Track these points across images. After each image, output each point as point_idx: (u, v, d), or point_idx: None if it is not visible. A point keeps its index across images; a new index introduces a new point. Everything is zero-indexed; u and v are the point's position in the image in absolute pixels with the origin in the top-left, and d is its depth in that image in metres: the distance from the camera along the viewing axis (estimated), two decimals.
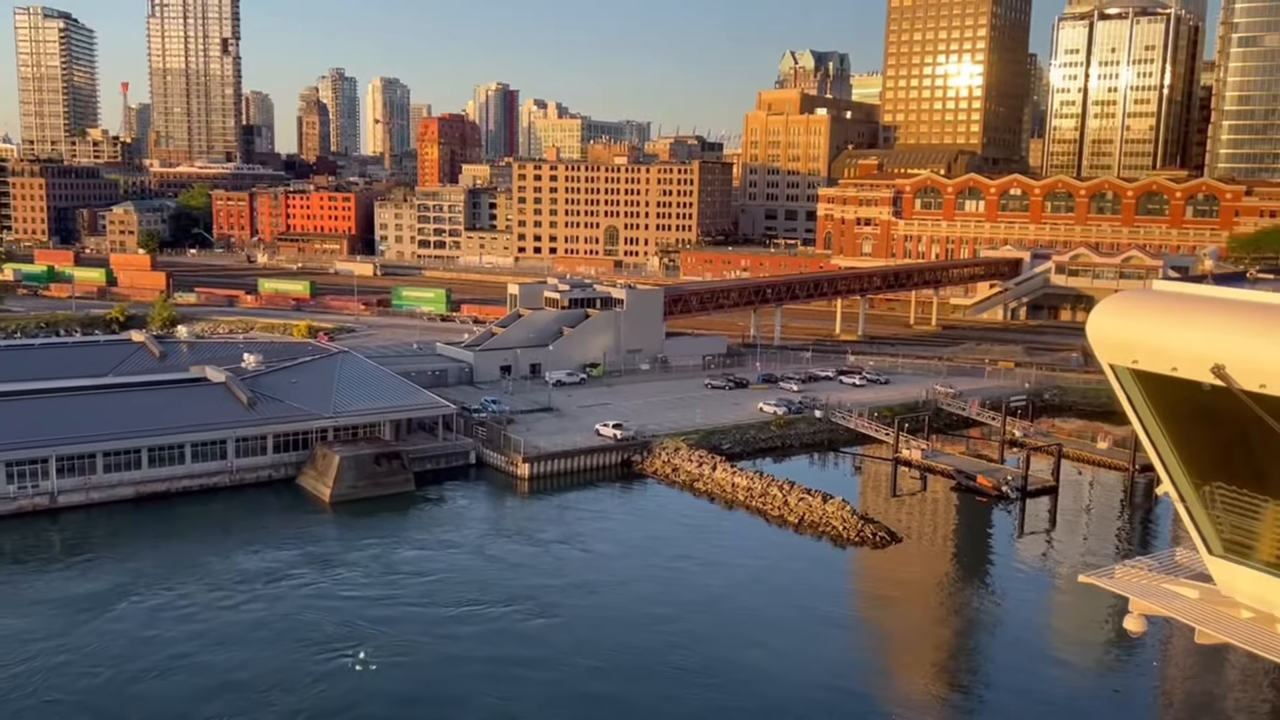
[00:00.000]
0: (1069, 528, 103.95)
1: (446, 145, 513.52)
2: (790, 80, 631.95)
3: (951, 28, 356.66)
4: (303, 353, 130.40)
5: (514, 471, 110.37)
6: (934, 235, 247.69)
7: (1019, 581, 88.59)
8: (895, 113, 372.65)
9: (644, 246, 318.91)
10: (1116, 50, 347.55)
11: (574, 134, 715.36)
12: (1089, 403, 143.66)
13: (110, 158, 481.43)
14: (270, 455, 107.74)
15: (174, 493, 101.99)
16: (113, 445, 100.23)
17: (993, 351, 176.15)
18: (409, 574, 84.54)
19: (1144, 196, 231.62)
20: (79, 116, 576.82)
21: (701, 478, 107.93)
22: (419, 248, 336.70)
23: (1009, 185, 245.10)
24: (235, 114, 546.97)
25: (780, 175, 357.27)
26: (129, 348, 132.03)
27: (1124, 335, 24.09)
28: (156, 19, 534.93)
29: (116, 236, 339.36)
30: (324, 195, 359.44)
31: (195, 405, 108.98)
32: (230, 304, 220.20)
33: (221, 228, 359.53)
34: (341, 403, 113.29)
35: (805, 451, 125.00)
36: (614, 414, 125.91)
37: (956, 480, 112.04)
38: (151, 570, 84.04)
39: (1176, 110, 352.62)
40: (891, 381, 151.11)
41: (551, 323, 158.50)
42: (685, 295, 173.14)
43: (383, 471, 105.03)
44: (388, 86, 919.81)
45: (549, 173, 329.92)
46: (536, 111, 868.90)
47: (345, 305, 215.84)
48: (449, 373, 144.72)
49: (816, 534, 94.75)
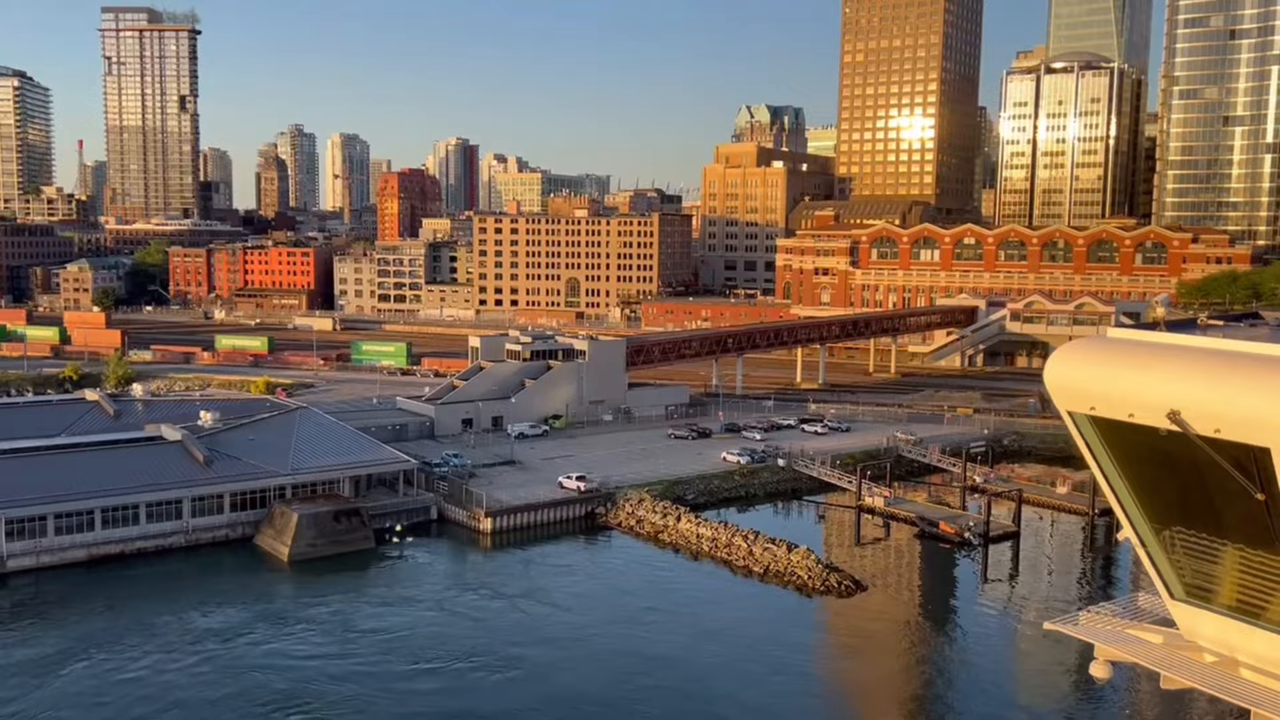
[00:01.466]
0: (1032, 573, 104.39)
1: (407, 200, 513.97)
2: (747, 134, 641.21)
3: (903, 82, 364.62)
4: (260, 409, 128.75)
5: (476, 526, 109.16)
6: (891, 284, 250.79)
7: (985, 628, 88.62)
8: (850, 165, 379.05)
9: (605, 298, 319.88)
10: (1063, 103, 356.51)
11: (534, 187, 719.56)
12: (1047, 448, 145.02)
13: (65, 215, 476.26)
14: (227, 514, 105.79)
15: (128, 554, 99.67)
16: (64, 507, 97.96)
17: (951, 398, 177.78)
18: (367, 631, 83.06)
19: (1094, 245, 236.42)
20: (33, 174, 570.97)
21: (666, 529, 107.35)
22: (379, 302, 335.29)
23: (963, 235, 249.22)
24: (193, 170, 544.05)
25: (739, 226, 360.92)
26: (82, 407, 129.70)
27: (1081, 383, 24.40)
28: (114, 76, 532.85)
29: (71, 294, 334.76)
30: (283, 250, 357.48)
31: (150, 464, 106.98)
32: (187, 361, 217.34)
33: (179, 284, 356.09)
34: (300, 460, 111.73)
35: (769, 500, 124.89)
36: (577, 466, 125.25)
37: (920, 527, 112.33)
38: (101, 634, 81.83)
39: (1123, 160, 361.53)
40: (853, 429, 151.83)
41: (513, 375, 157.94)
42: (647, 346, 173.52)
43: (342, 529, 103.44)
44: (347, 142, 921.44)
45: (510, 226, 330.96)
46: (497, 166, 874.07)
47: (304, 360, 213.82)
48: (409, 427, 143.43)
49: (782, 583, 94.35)
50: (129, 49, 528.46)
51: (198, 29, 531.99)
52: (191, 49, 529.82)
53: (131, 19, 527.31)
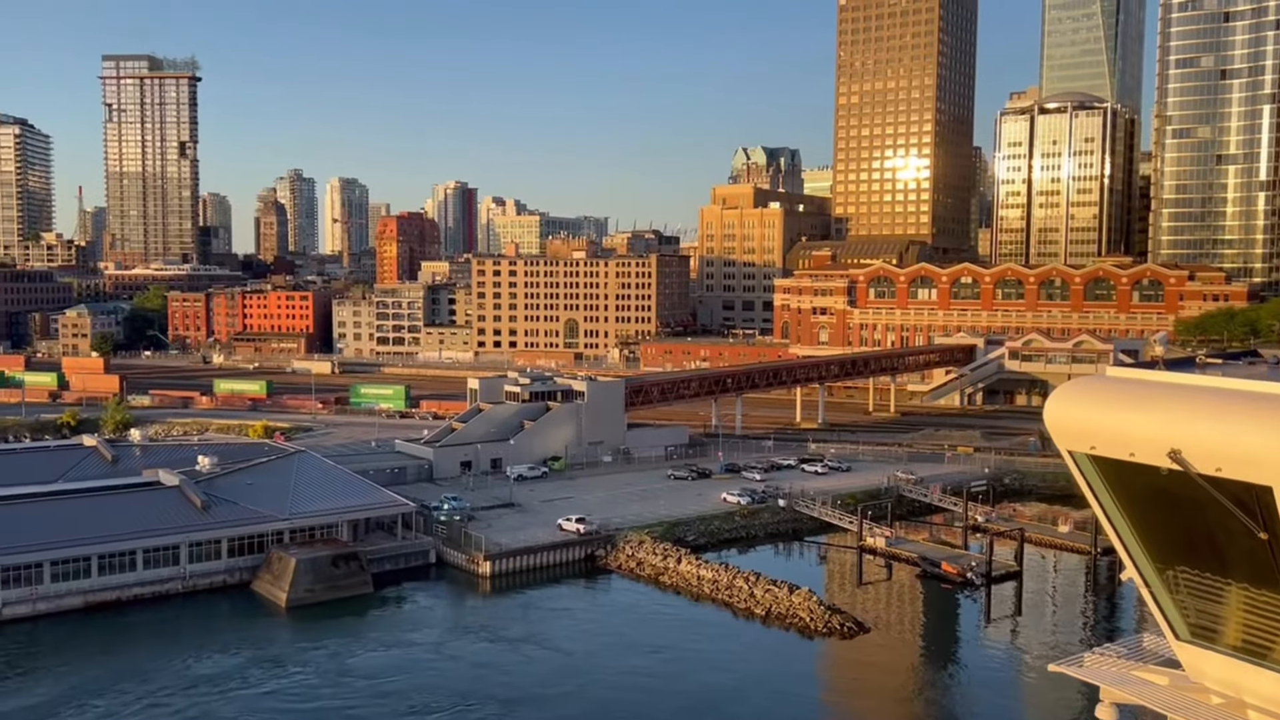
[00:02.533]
0: (1035, 613, 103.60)
1: (405, 243, 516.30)
2: (743, 175, 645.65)
3: (898, 123, 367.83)
4: (259, 453, 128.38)
5: (475, 570, 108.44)
6: (889, 323, 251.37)
7: (989, 670, 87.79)
8: (847, 205, 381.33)
9: (604, 339, 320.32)
10: (1058, 142, 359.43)
11: (532, 230, 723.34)
12: (1049, 486, 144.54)
13: (64, 261, 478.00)
14: (225, 560, 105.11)
15: (125, 601, 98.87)
16: (60, 554, 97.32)
17: (951, 437, 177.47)
18: (363, 676, 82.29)
19: (1091, 283, 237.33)
20: (33, 220, 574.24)
21: (667, 571, 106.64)
22: (378, 344, 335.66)
23: (960, 274, 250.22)
24: (192, 216, 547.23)
25: (736, 267, 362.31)
26: (80, 452, 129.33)
27: (1081, 422, 24.35)
28: (114, 124, 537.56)
29: (69, 340, 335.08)
30: (281, 294, 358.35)
31: (147, 510, 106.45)
32: (185, 405, 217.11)
33: (177, 329, 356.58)
34: (298, 504, 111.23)
35: (770, 541, 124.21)
36: (577, 508, 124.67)
37: (922, 567, 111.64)
38: (95, 682, 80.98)
39: (1118, 199, 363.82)
40: (853, 469, 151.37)
41: (512, 417, 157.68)
42: (646, 386, 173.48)
43: (340, 574, 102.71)
44: (346, 186, 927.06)
45: (508, 268, 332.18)
46: (495, 209, 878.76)
47: (303, 404, 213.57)
48: (408, 470, 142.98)
49: (784, 626, 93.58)
50: (129, 96, 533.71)
51: (198, 76, 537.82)
52: (191, 95, 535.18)
53: (132, 66, 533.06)
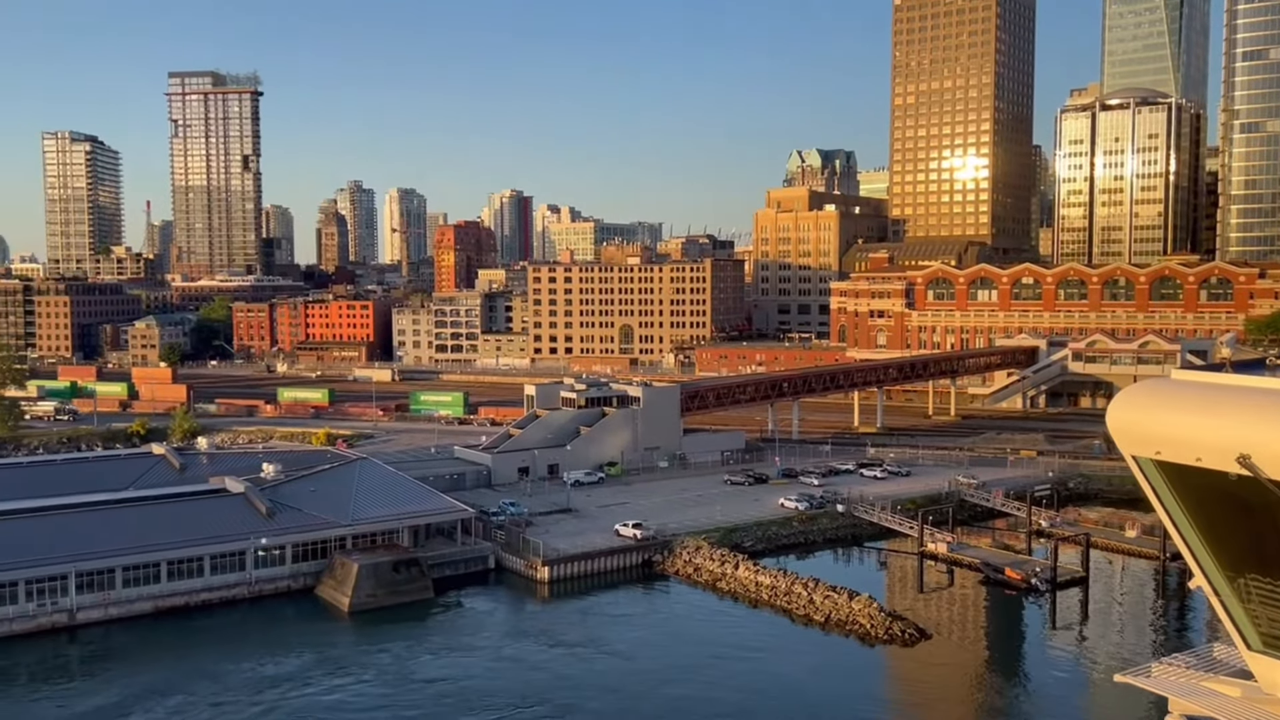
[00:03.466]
0: (1101, 620, 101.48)
1: (463, 251, 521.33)
2: (798, 178, 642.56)
3: (955, 122, 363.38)
4: (321, 461, 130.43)
5: (534, 575, 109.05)
6: (948, 325, 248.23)
7: (1053, 679, 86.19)
8: (903, 206, 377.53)
9: (659, 344, 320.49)
10: (1120, 139, 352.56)
11: (587, 236, 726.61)
12: (1115, 490, 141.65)
13: (133, 274, 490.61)
14: (289, 565, 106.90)
15: (193, 606, 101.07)
16: (132, 560, 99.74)
17: (1014, 440, 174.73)
18: (423, 680, 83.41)
19: (1157, 282, 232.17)
20: (103, 235, 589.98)
21: (724, 577, 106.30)
22: (437, 352, 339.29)
23: (1021, 274, 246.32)
24: (255, 228, 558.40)
25: (792, 270, 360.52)
26: (149, 461, 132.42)
27: (1145, 427, 23.84)
28: (179, 139, 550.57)
29: (138, 350, 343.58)
30: (343, 304, 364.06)
31: (214, 517, 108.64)
32: (250, 414, 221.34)
33: (242, 339, 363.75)
34: (360, 510, 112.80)
35: (829, 547, 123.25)
36: (633, 513, 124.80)
37: (984, 573, 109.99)
38: (164, 683, 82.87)
39: (1184, 196, 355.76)
40: (913, 473, 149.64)
41: (569, 422, 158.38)
42: (702, 391, 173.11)
43: (401, 579, 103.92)
44: (404, 196, 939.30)
45: (563, 275, 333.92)
46: (550, 216, 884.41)
47: (363, 411, 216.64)
48: (467, 476, 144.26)
49: (844, 632, 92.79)
50: (194, 112, 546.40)
51: (260, 90, 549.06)
52: (254, 110, 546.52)
53: (197, 83, 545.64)
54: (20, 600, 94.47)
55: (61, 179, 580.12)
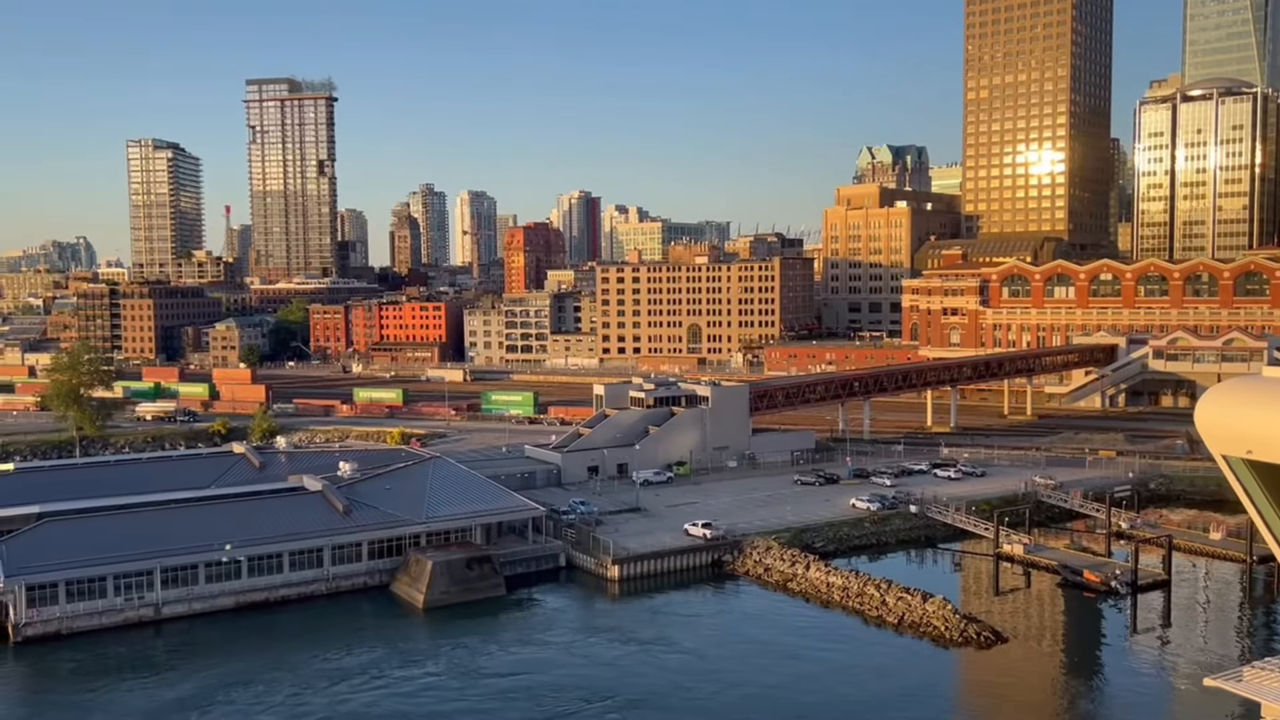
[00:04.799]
0: (1185, 624, 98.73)
1: (532, 253, 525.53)
2: (868, 175, 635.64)
3: (1030, 116, 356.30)
4: (396, 459, 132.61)
5: (604, 574, 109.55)
6: (1023, 323, 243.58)
7: (1136, 684, 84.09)
8: (977, 202, 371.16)
9: (727, 343, 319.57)
10: (1203, 131, 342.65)
11: (655, 236, 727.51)
12: (1198, 491, 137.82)
13: (214, 277, 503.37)
14: (365, 562, 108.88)
15: (273, 601, 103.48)
16: (214, 556, 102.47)
17: (1093, 440, 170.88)
18: (495, 675, 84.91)
19: (1242, 277, 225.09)
20: (185, 239, 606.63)
21: (795, 577, 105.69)
22: (507, 352, 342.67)
23: (1099, 270, 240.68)
24: (331, 231, 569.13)
25: (862, 268, 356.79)
26: (230, 459, 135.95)
27: (1236, 425, 23.19)
28: (257, 145, 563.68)
29: (219, 352, 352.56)
30: (415, 305, 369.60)
31: (292, 514, 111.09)
32: (327, 414, 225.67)
33: (318, 340, 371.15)
34: (434, 508, 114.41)
35: (901, 548, 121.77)
36: (702, 513, 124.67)
37: (1062, 576, 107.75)
38: (243, 674, 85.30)
39: (1270, 188, 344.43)
40: (988, 474, 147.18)
41: (637, 422, 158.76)
42: (771, 391, 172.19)
43: (474, 576, 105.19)
44: (475, 199, 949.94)
45: (631, 275, 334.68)
46: (618, 216, 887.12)
47: (436, 411, 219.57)
48: (537, 475, 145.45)
49: (917, 634, 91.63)
50: (271, 118, 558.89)
51: (335, 96, 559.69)
52: (329, 116, 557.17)
53: (273, 90, 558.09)
54: (109, 594, 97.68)
55: (145, 185, 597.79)
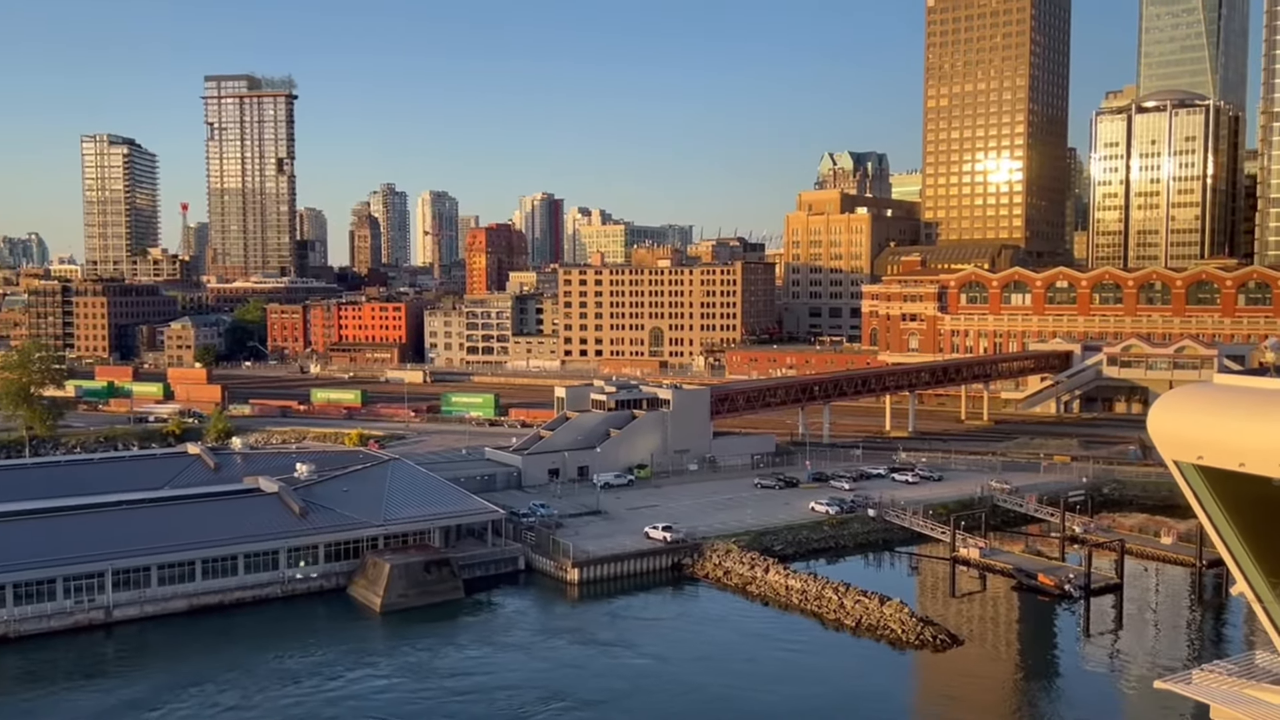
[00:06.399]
0: (1137, 627, 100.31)
1: (494, 254, 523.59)
2: (830, 181, 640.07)
3: (989, 125, 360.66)
4: (354, 461, 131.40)
5: (563, 577, 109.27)
6: (981, 329, 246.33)
7: (1089, 686, 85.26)
8: (936, 209, 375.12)
9: (689, 347, 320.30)
10: (1157, 142, 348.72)
11: (617, 239, 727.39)
12: (1150, 496, 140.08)
13: (170, 275, 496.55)
14: (322, 565, 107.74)
15: (227, 604, 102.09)
16: (167, 558, 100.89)
17: (1047, 445, 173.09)
18: (452, 675, 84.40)
19: (1194, 286, 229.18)
20: (140, 236, 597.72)
21: (754, 580, 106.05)
22: (468, 354, 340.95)
23: (1055, 278, 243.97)
24: (290, 230, 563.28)
25: (823, 273, 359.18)
26: (185, 460, 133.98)
27: (1187, 431, 23.54)
28: (215, 142, 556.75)
29: (174, 351, 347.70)
30: (375, 306, 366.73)
31: (248, 516, 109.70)
32: (284, 414, 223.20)
33: (276, 340, 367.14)
34: (392, 510, 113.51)
35: (860, 552, 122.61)
36: (663, 516, 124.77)
37: (1017, 579, 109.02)
38: (194, 676, 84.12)
39: (1222, 199, 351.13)
40: (945, 478, 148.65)
41: (599, 425, 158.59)
42: (732, 394, 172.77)
43: (432, 579, 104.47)
44: (437, 199, 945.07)
45: (594, 277, 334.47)
46: (580, 219, 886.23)
47: (396, 412, 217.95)
48: (497, 477, 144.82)
49: (875, 637, 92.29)
50: (230, 115, 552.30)
51: (294, 94, 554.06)
52: (289, 113, 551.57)
53: (232, 86, 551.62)
54: (59, 597, 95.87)
55: (100, 181, 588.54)
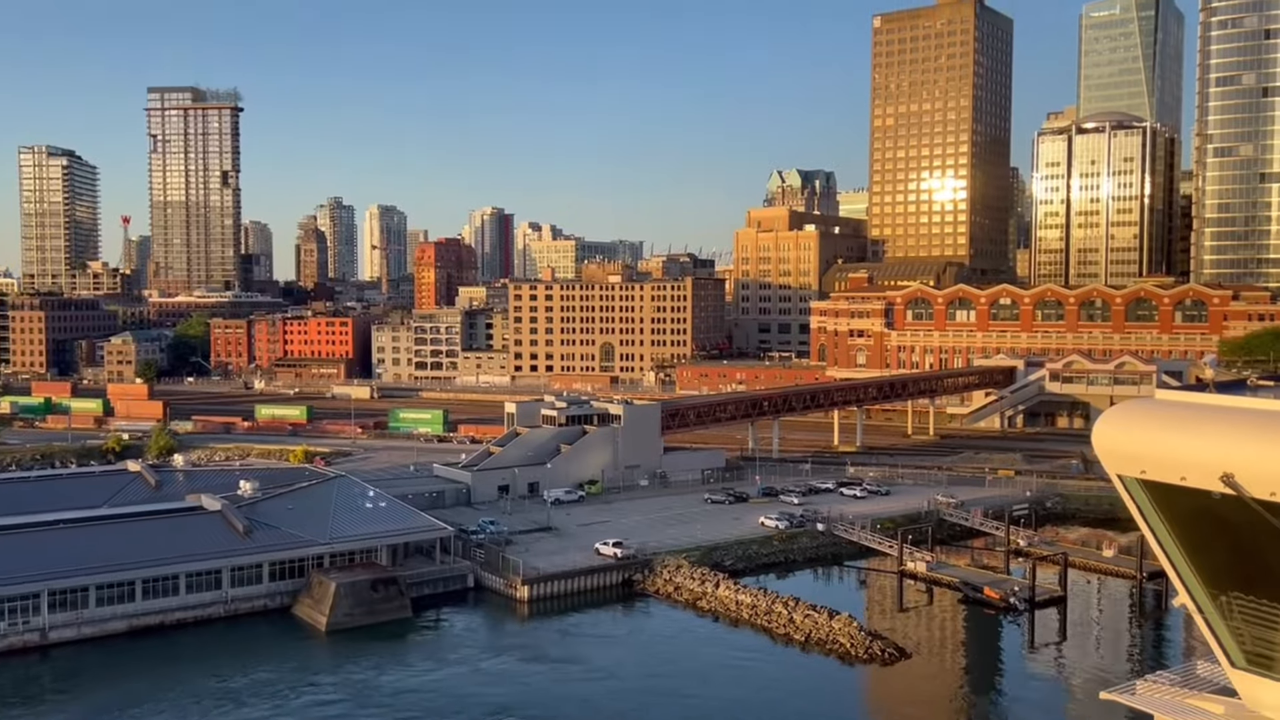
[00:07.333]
0: (1080, 639, 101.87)
1: (443, 269, 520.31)
2: (778, 198, 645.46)
3: (934, 144, 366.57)
4: (299, 478, 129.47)
5: (513, 594, 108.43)
6: (927, 345, 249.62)
7: (1034, 697, 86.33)
8: (883, 227, 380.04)
9: (640, 362, 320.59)
10: (1096, 162, 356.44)
11: (568, 254, 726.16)
12: (1092, 510, 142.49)
13: (110, 289, 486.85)
14: (266, 584, 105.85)
15: (168, 625, 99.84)
16: (106, 578, 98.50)
17: (992, 460, 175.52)
18: (398, 693, 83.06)
19: (1133, 303, 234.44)
20: (80, 250, 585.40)
21: (705, 596, 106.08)
22: (417, 369, 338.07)
23: (999, 295, 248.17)
24: (234, 244, 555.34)
25: (772, 289, 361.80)
26: (125, 478, 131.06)
27: (1131, 446, 23.99)
28: (158, 154, 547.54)
29: (114, 367, 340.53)
30: (321, 320, 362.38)
31: (190, 535, 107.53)
32: (227, 431, 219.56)
33: (219, 355, 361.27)
34: (338, 528, 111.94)
35: (809, 566, 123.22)
36: (614, 532, 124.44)
37: (963, 592, 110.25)
38: (130, 698, 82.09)
39: (1159, 218, 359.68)
40: (892, 492, 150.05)
41: (549, 440, 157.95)
42: (682, 409, 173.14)
43: (379, 598, 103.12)
44: (385, 213, 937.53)
45: (544, 292, 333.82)
46: (531, 234, 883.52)
47: (342, 429, 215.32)
48: (446, 494, 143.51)
49: (824, 651, 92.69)
50: (174, 127, 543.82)
51: (240, 106, 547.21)
52: (234, 126, 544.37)
53: (176, 98, 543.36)
54: None
55: (38, 193, 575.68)
